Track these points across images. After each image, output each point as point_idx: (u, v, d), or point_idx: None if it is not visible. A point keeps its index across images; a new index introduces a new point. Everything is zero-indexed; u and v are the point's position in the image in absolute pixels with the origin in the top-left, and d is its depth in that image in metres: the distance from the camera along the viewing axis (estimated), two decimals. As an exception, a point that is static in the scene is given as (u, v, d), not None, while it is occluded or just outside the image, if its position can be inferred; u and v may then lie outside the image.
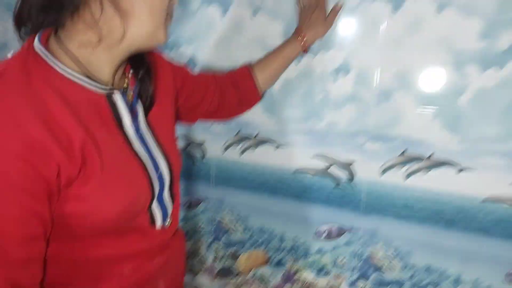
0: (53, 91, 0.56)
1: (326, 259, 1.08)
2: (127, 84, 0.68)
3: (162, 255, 0.74)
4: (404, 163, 0.96)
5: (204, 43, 1.13)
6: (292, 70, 1.03)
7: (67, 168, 0.55)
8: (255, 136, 1.11)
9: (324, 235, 1.07)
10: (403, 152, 0.96)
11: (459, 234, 0.93)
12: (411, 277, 0.99)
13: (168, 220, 0.74)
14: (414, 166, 0.95)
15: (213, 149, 1.18)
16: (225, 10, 1.08)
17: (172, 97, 0.80)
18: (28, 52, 0.58)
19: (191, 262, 1.28)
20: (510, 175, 0.87)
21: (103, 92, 0.62)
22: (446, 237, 0.94)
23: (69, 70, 0.58)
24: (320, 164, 1.05)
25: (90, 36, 0.58)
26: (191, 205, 1.25)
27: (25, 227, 0.54)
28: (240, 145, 1.14)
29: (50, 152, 0.53)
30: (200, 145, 1.20)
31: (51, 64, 0.57)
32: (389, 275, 1.01)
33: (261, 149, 1.11)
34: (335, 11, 0.94)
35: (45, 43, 0.59)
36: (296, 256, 1.13)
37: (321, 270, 1.09)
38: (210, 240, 1.24)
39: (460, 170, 0.91)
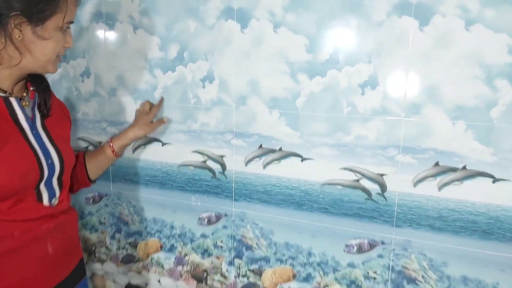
0: None
1: (357, 273, 1.07)
2: (26, 95, 0.92)
3: (50, 223, 0.94)
4: (437, 174, 0.95)
5: (221, 57, 1.11)
6: (316, 84, 1.01)
7: None
8: (279, 149, 1.10)
9: (355, 249, 1.06)
10: (436, 164, 0.94)
11: (495, 244, 0.93)
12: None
13: (55, 201, 0.95)
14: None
15: (234, 162, 1.17)
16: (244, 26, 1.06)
17: (66, 121, 1.06)
18: None
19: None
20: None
21: (1, 95, 0.86)
22: (482, 247, 0.94)
23: None
24: (350, 177, 1.03)
25: None
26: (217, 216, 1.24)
27: None
28: (263, 159, 1.12)
29: None
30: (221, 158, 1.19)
31: None
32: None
33: (285, 162, 1.10)
34: (161, 121, 1.20)
35: None
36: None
37: (352, 284, 1.08)
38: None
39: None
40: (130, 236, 1.39)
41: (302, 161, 1.07)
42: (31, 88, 0.95)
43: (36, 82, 0.95)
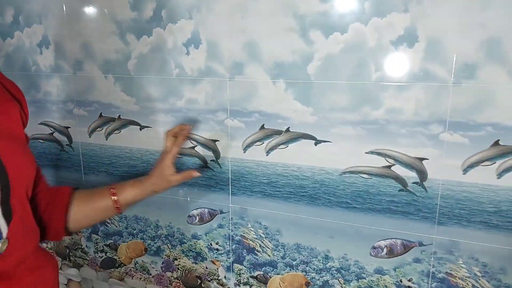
0: None
1: (388, 281, 0.86)
2: None
3: None
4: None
5: (209, 14, 0.86)
6: (335, 44, 0.77)
7: None
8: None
9: (384, 251, 0.85)
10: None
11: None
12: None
13: (4, 244, 0.56)
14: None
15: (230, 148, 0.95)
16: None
17: (12, 105, 0.66)
18: None
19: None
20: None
21: None
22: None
23: None
24: (378, 162, 0.81)
25: None
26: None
27: None
28: (265, 142, 0.90)
29: None
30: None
31: None
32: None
33: (295, 146, 0.87)
34: (189, 174, 0.82)
35: None
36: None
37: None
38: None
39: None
40: (109, 237, 1.17)
41: (316, 144, 0.85)
42: None
43: None
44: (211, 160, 0.96)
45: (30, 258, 0.62)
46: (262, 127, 0.88)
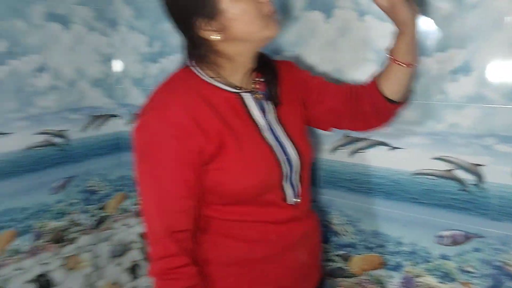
0: (197, 96, 0.79)
1: (451, 265, 1.03)
2: (255, 87, 0.87)
3: (299, 228, 0.92)
4: None
5: (308, 47, 1.13)
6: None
7: (205, 147, 0.77)
8: (367, 138, 1.09)
9: (448, 240, 1.02)
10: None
11: None
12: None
13: (298, 199, 0.91)
14: None
15: (319, 150, 1.18)
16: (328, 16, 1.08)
17: (299, 100, 0.96)
18: (186, 68, 0.85)
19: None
20: None
21: (235, 92, 0.83)
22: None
23: (211, 79, 0.82)
24: (442, 167, 0.99)
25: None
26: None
27: (177, 188, 0.77)
28: (349, 147, 1.13)
29: (193, 135, 0.76)
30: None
31: (199, 75, 0.83)
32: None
33: (373, 151, 1.09)
34: None
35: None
36: (417, 261, 1.08)
37: (446, 276, 1.04)
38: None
39: None
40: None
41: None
42: (258, 79, 0.89)
43: (264, 71, 0.90)
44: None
45: (308, 209, 0.98)
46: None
